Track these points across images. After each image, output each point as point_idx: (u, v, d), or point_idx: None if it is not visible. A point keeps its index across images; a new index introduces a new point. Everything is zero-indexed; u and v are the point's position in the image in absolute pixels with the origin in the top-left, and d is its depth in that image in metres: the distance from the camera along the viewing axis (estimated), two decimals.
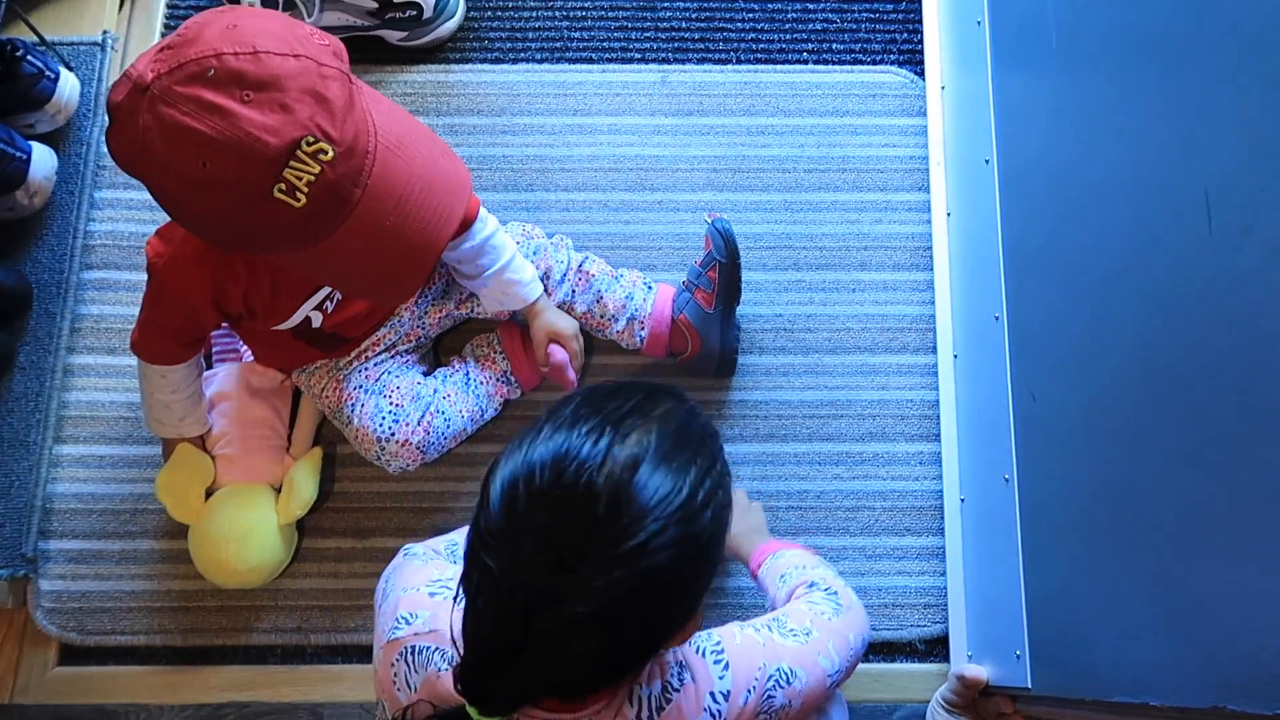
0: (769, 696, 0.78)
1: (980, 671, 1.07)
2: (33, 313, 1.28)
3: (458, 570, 0.82)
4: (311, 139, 0.77)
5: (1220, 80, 0.72)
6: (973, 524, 1.18)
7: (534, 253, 1.18)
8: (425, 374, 1.20)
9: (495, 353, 1.22)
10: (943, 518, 1.22)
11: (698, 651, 0.77)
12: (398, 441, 1.13)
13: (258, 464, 1.17)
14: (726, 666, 0.76)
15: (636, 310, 1.21)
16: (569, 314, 1.20)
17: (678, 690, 0.73)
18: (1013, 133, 1.16)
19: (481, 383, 1.20)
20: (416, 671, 0.73)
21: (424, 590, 0.79)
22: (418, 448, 1.14)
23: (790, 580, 1.01)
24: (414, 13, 1.34)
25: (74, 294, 1.29)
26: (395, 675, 0.74)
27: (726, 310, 1.21)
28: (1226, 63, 0.72)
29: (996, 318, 1.13)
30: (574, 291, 1.21)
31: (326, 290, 1.04)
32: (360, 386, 1.14)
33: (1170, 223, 0.79)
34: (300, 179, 0.77)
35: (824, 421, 1.26)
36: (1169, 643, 0.80)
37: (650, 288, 1.23)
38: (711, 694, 0.74)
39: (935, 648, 1.19)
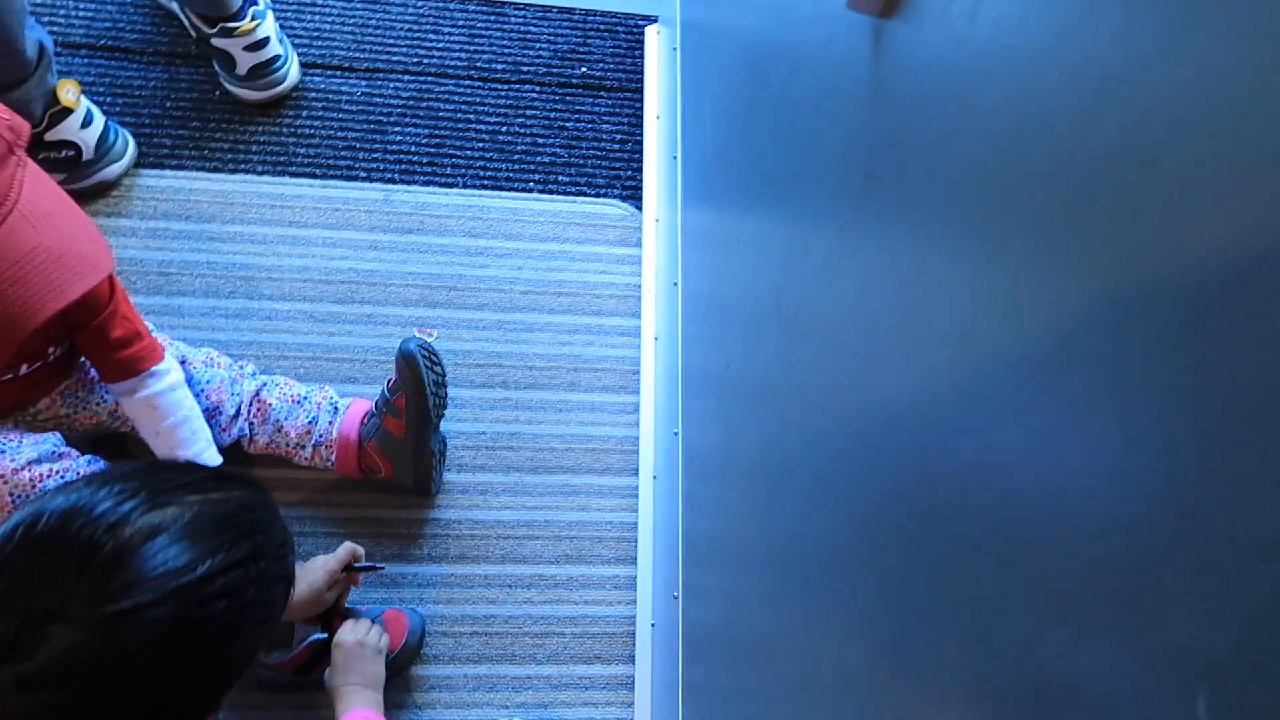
0: None
1: None
2: None
3: None
4: None
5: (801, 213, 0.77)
6: (660, 650, 1.15)
7: (206, 382, 1.11)
8: (72, 445, 1.04)
9: None
10: (634, 645, 1.18)
11: None
12: None
13: None
14: None
15: (321, 436, 1.16)
16: (251, 447, 1.16)
17: None
18: (691, 259, 1.20)
19: None
20: None
21: None
22: (9, 497, 0.94)
23: None
24: (71, 153, 1.23)
25: None
26: None
27: (419, 436, 1.15)
28: (799, 200, 0.77)
29: (675, 433, 1.14)
30: (251, 425, 1.15)
31: None
32: None
33: (757, 327, 0.82)
34: None
35: (519, 542, 1.22)
36: None
37: (337, 409, 1.17)
38: None
39: None
